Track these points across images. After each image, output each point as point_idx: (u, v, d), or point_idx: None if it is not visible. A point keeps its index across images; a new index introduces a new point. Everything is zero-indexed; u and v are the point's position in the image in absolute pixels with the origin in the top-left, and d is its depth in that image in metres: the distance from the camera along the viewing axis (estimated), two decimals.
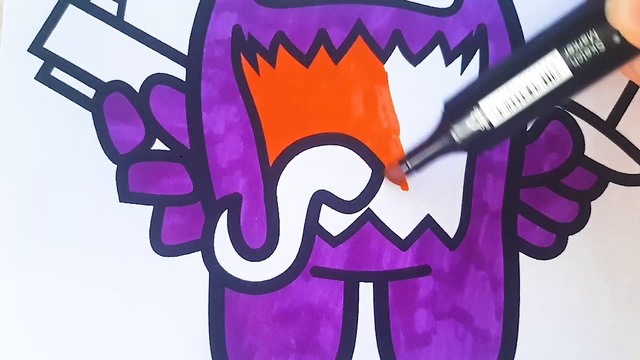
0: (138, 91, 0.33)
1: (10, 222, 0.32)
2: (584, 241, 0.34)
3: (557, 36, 0.25)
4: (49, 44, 0.33)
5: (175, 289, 0.32)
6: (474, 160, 0.34)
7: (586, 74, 0.25)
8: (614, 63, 0.25)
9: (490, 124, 0.26)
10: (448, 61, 0.35)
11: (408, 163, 0.30)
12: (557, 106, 0.27)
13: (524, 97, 0.25)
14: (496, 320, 0.34)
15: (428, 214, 0.34)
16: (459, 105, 0.27)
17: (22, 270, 0.32)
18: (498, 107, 0.26)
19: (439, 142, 0.29)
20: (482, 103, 0.26)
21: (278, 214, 0.33)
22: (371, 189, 0.34)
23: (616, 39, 0.23)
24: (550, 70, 0.25)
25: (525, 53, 0.26)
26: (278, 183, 0.33)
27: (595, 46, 0.24)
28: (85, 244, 0.32)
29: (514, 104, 0.26)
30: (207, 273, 0.33)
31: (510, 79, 0.26)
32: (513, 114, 0.26)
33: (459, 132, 0.27)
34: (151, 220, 0.33)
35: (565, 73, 0.25)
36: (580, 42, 0.24)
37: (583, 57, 0.24)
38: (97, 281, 0.32)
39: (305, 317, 0.33)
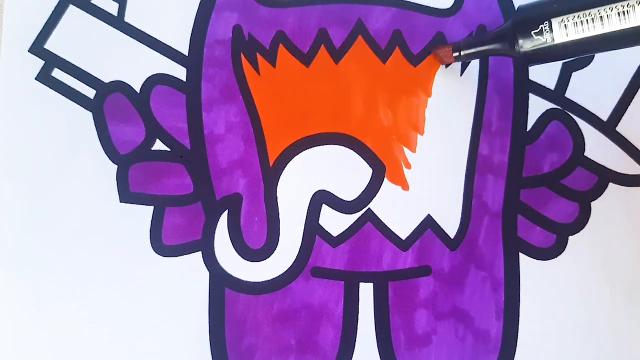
0: (138, 91, 0.33)
1: (10, 222, 0.32)
2: (584, 241, 0.34)
3: None
4: (50, 45, 0.33)
5: (176, 289, 0.33)
6: (474, 161, 0.34)
7: None
8: None
9: (553, 41, 0.28)
10: None
11: (462, 52, 0.32)
12: (616, 48, 0.29)
13: (594, 27, 0.27)
14: (496, 321, 0.34)
15: (428, 214, 0.34)
16: (531, 16, 0.29)
17: (22, 270, 0.32)
18: (567, 28, 0.27)
19: (500, 44, 0.30)
20: (554, 20, 0.28)
21: (278, 214, 0.33)
22: (371, 189, 0.34)
23: None
24: (630, 12, 0.26)
25: None
26: (278, 183, 0.33)
27: None
28: (85, 244, 0.32)
29: (582, 30, 0.27)
30: (207, 273, 0.33)
31: (589, 7, 0.27)
32: (577, 38, 0.27)
33: (521, 41, 0.29)
34: (151, 221, 0.33)
35: None
36: None
37: None
38: (98, 281, 0.32)
39: (305, 318, 0.33)
